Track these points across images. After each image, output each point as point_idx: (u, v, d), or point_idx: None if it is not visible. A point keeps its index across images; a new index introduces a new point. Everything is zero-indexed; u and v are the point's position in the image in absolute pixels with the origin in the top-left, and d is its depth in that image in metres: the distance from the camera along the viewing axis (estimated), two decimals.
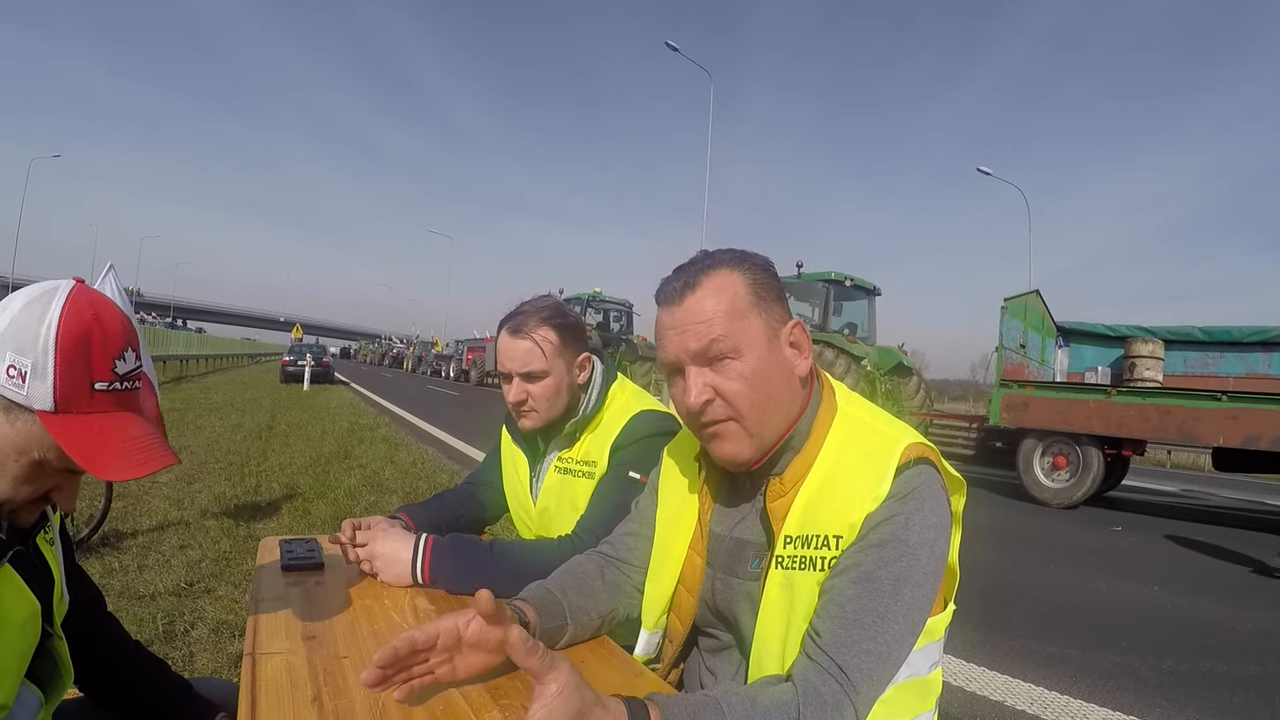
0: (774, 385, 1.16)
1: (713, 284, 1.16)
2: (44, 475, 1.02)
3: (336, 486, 7.20)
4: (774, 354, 1.17)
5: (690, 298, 1.16)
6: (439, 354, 49.07)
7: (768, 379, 1.16)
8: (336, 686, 1.07)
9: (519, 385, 1.87)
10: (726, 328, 1.14)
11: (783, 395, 1.18)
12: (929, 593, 1.09)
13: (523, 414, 1.90)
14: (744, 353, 1.14)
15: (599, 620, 1.37)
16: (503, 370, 1.90)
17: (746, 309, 1.15)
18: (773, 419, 1.18)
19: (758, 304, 1.16)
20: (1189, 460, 19.84)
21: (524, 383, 1.87)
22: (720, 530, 1.30)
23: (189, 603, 3.84)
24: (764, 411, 1.16)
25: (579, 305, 25.34)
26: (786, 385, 1.18)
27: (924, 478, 1.10)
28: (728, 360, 1.15)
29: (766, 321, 1.17)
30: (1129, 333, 11.10)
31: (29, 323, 0.96)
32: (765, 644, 1.16)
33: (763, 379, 1.15)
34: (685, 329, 1.16)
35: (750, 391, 1.15)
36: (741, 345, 1.14)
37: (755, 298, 1.16)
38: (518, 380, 1.87)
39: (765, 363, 1.15)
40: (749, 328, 1.15)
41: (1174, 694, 3.65)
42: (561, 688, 0.90)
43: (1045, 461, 10.18)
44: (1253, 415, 8.52)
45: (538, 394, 1.87)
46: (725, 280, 1.16)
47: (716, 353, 1.15)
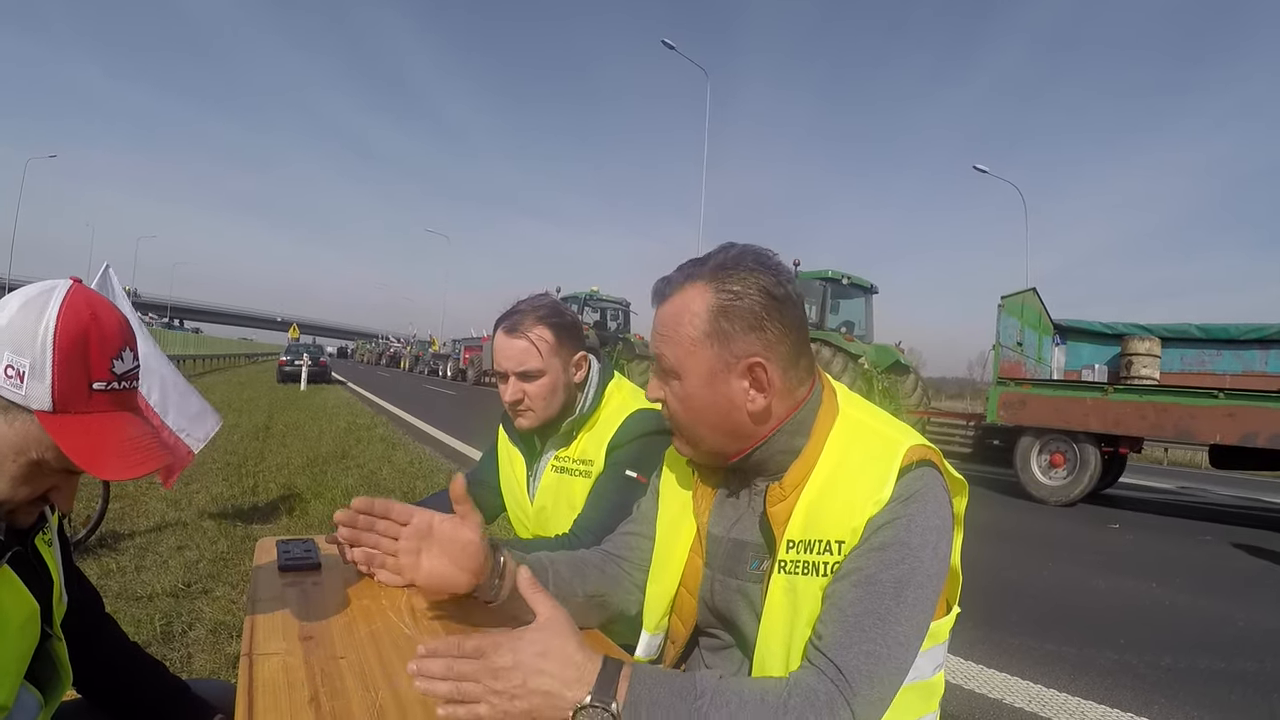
0: (706, 415, 1.18)
1: (679, 301, 1.17)
2: (42, 475, 1.01)
3: (334, 486, 7.20)
4: (714, 387, 1.15)
5: (660, 306, 1.21)
6: (436, 353, 49.08)
7: (700, 407, 1.18)
8: (334, 687, 1.07)
9: (515, 384, 1.87)
10: (672, 349, 1.17)
11: (719, 425, 1.19)
12: (932, 595, 1.08)
13: (519, 413, 1.90)
14: (683, 376, 1.17)
15: (584, 599, 1.38)
16: (499, 369, 1.89)
17: (697, 337, 1.14)
18: (707, 440, 1.22)
19: (713, 334, 1.13)
20: (1186, 458, 19.88)
21: (520, 382, 1.87)
22: (718, 531, 1.30)
23: (186, 603, 3.84)
24: (695, 431, 1.21)
25: (576, 304, 25.34)
26: (725, 418, 1.18)
27: (926, 480, 1.10)
28: (670, 377, 1.20)
29: (717, 354, 1.14)
30: (1126, 330, 11.11)
31: (27, 323, 0.96)
32: (769, 648, 1.15)
33: (694, 406, 1.18)
34: (652, 334, 1.24)
35: (683, 412, 1.20)
36: (680, 369, 1.17)
37: (712, 326, 1.13)
38: (514, 379, 1.87)
39: (700, 393, 1.17)
40: (692, 356, 1.15)
41: (1172, 691, 3.66)
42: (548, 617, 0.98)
43: (1043, 459, 10.19)
44: (1249, 412, 8.54)
45: (534, 393, 1.87)
46: (691, 300, 1.15)
47: (663, 367, 1.21)
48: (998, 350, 10.63)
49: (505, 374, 1.89)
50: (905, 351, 16.01)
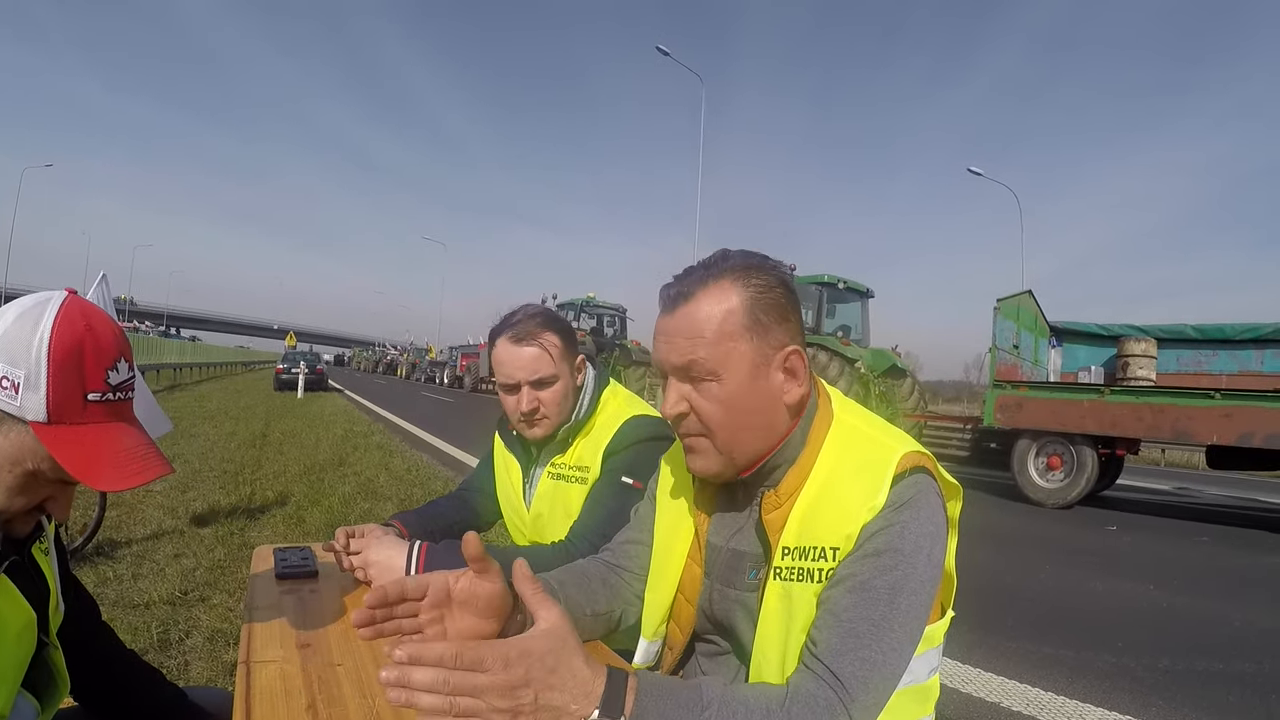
0: (751, 413, 1.15)
1: (708, 299, 1.13)
2: (38, 486, 1.02)
3: (331, 494, 7.18)
4: (757, 381, 1.14)
5: (682, 309, 1.15)
6: (433, 360, 49.04)
7: (744, 406, 1.14)
8: (331, 695, 1.07)
9: (529, 394, 1.83)
10: (710, 350, 1.12)
11: (760, 423, 1.16)
12: (926, 600, 1.09)
13: (535, 423, 1.87)
14: (724, 376, 1.13)
15: (591, 617, 1.37)
16: (508, 381, 1.84)
17: (737, 332, 1.12)
18: (745, 444, 1.17)
19: (752, 327, 1.13)
20: (1183, 459, 19.90)
21: (534, 390, 1.83)
22: (717, 541, 1.30)
23: (184, 611, 3.83)
24: (735, 435, 1.16)
25: (573, 310, 25.36)
26: (767, 413, 1.16)
27: (920, 487, 1.10)
28: (706, 381, 1.14)
29: (758, 347, 1.13)
30: (1122, 332, 11.16)
31: (21, 334, 0.96)
32: (765, 655, 1.15)
33: (739, 405, 1.14)
34: (672, 341, 1.16)
35: (724, 415, 1.14)
36: (721, 369, 1.12)
37: (750, 320, 1.13)
38: (527, 389, 1.83)
39: (745, 390, 1.13)
40: (734, 352, 1.12)
41: (1170, 693, 3.66)
42: (553, 625, 0.91)
43: (1039, 462, 10.19)
44: (1246, 413, 8.55)
45: (549, 400, 1.85)
46: (721, 297, 1.13)
47: (696, 373, 1.14)
48: (994, 353, 10.64)
49: (516, 384, 1.83)
50: (902, 355, 16.03)
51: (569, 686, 0.89)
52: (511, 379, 1.83)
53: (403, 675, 0.84)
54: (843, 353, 14.26)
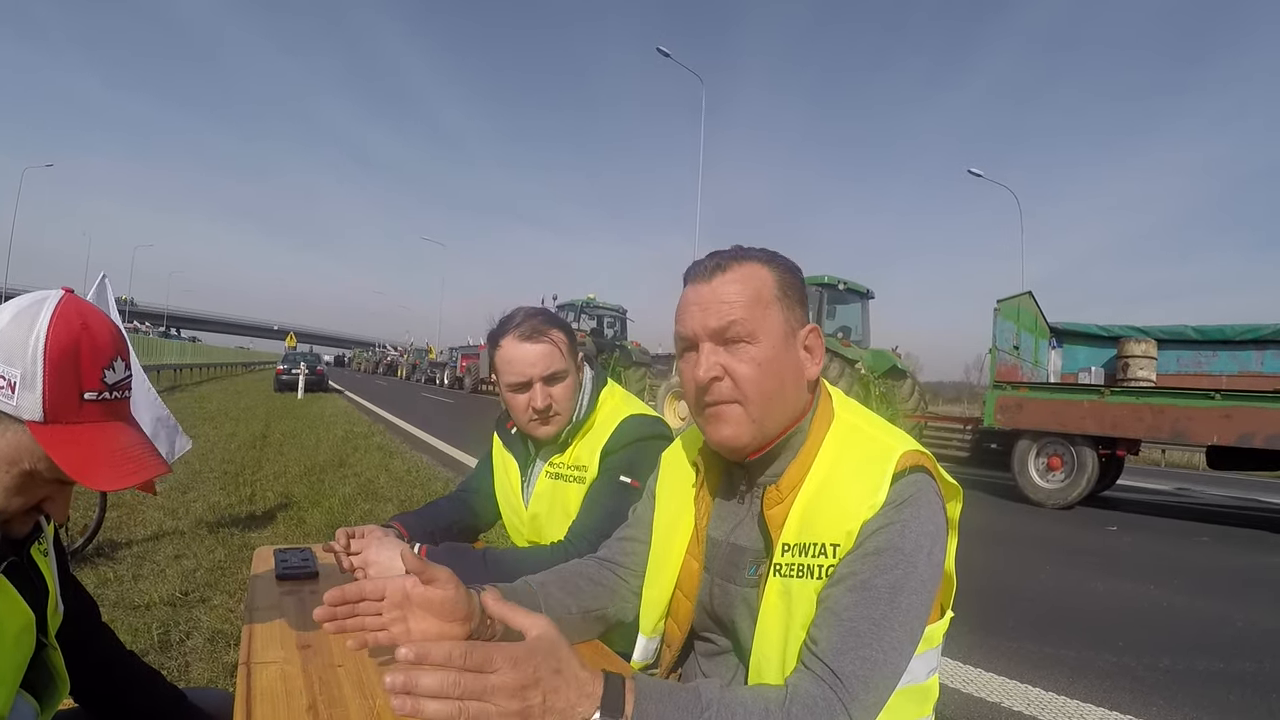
0: (783, 378, 1.18)
1: (743, 270, 1.19)
2: (35, 486, 1.01)
3: (331, 495, 7.18)
4: (789, 349, 1.19)
5: (719, 277, 1.19)
6: (433, 361, 49.05)
7: (778, 371, 1.17)
8: (331, 695, 1.07)
9: (543, 390, 1.82)
10: (747, 312, 1.16)
11: (790, 390, 1.19)
12: (926, 600, 1.09)
13: (549, 419, 1.86)
14: (760, 339, 1.16)
15: (579, 616, 1.38)
16: (519, 379, 1.83)
17: (770, 300, 1.18)
18: (776, 410, 1.19)
19: (782, 299, 1.19)
20: (1183, 459, 19.90)
21: (547, 386, 1.83)
22: (717, 535, 1.30)
23: (184, 612, 3.83)
24: (769, 400, 1.17)
25: (573, 311, 25.36)
26: (794, 382, 1.20)
27: (920, 485, 1.10)
28: (743, 344, 1.16)
29: (786, 318, 1.19)
30: (1122, 333, 11.16)
31: (18, 333, 0.96)
32: (764, 652, 1.16)
33: (773, 369, 1.17)
34: (708, 306, 1.18)
35: (760, 377, 1.16)
36: (759, 332, 1.16)
37: (780, 293, 1.19)
38: (540, 386, 1.82)
39: (779, 354, 1.17)
40: (769, 317, 1.17)
41: (1171, 693, 3.66)
42: (545, 630, 0.94)
43: (1040, 462, 10.19)
44: (1246, 413, 8.55)
45: (560, 395, 1.85)
46: (755, 270, 1.19)
47: (734, 334, 1.16)
48: (994, 354, 10.65)
49: (528, 382, 1.82)
50: (902, 356, 16.02)
51: (572, 687, 0.90)
52: (524, 376, 1.82)
53: (409, 680, 0.84)
54: (843, 354, 14.26)
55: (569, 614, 1.36)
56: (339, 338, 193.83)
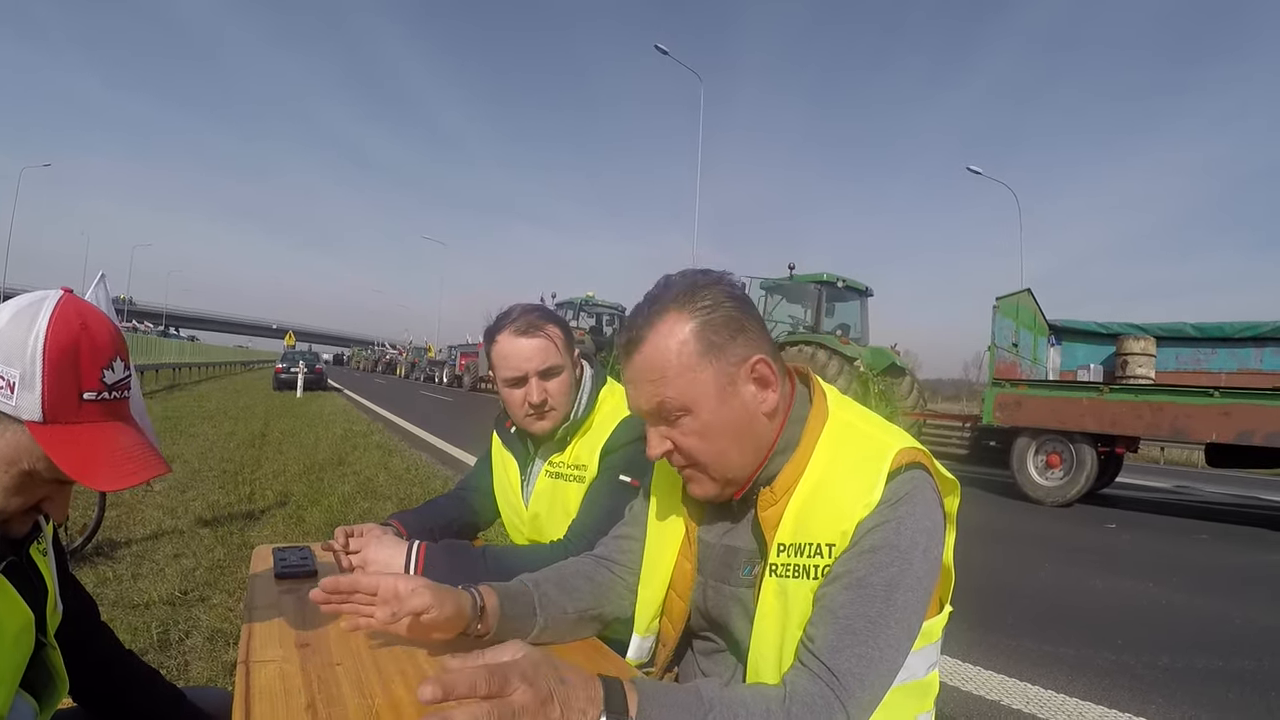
0: (730, 435, 1.16)
1: (657, 337, 1.14)
2: (34, 486, 1.01)
3: (330, 494, 7.18)
4: (728, 401, 1.14)
5: (637, 356, 1.16)
6: (432, 360, 49.02)
7: (723, 429, 1.15)
8: (330, 694, 1.07)
9: (538, 385, 1.82)
10: (674, 387, 1.13)
11: (744, 438, 1.17)
12: (923, 597, 1.09)
13: (545, 414, 1.86)
14: (695, 408, 1.14)
15: (575, 616, 1.38)
16: (515, 374, 1.83)
17: (694, 363, 1.12)
18: (733, 464, 1.18)
19: (707, 352, 1.13)
20: (1182, 457, 19.88)
21: (543, 381, 1.83)
22: (709, 538, 1.30)
23: (183, 611, 3.83)
24: (723, 458, 1.17)
25: (572, 309, 25.35)
26: (747, 430, 1.17)
27: (916, 482, 1.10)
28: (680, 417, 1.15)
29: (719, 369, 1.13)
30: (1121, 330, 11.16)
31: (17, 333, 0.96)
32: (762, 652, 1.16)
33: (717, 430, 1.15)
34: (637, 387, 1.17)
35: (705, 445, 1.15)
36: (690, 402, 1.13)
37: (704, 345, 1.13)
38: (536, 380, 1.82)
39: (719, 414, 1.14)
40: (697, 382, 1.13)
41: (1170, 690, 3.66)
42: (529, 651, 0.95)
43: (1039, 460, 10.19)
44: (1245, 411, 8.55)
45: (556, 390, 1.85)
46: (671, 330, 1.13)
47: (667, 412, 1.15)
48: (993, 351, 10.64)
49: (524, 376, 1.82)
50: (901, 354, 16.02)
51: (578, 693, 0.91)
52: (519, 371, 1.82)
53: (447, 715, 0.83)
54: (842, 351, 14.25)
55: (564, 614, 1.37)
56: (338, 336, 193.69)
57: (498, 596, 1.29)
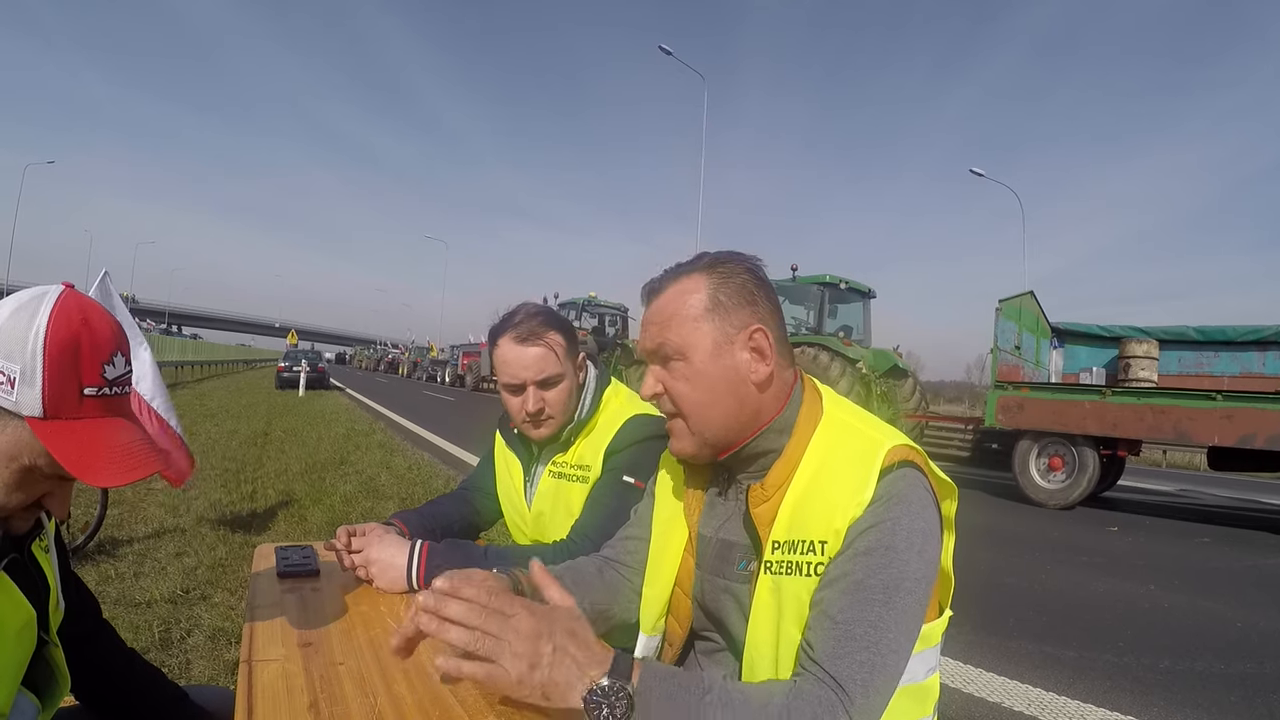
0: (717, 390, 1.20)
1: (675, 289, 1.22)
2: (35, 482, 1.01)
3: (332, 493, 7.19)
4: (721, 359, 1.20)
5: (654, 301, 1.25)
6: (434, 359, 49.03)
7: (711, 384, 1.20)
8: (333, 693, 1.07)
9: (536, 394, 1.82)
10: (676, 331, 1.20)
11: (727, 401, 1.20)
12: (922, 598, 1.08)
13: (541, 423, 1.86)
14: (689, 355, 1.20)
15: (591, 612, 1.38)
16: (513, 381, 1.82)
17: (699, 314, 1.20)
18: (716, 420, 1.21)
19: (713, 309, 1.20)
20: (1184, 460, 19.89)
21: (541, 390, 1.82)
22: (706, 532, 1.31)
23: (185, 610, 3.83)
24: (705, 411, 1.21)
25: (574, 309, 25.35)
26: (734, 391, 1.20)
27: (908, 481, 1.10)
28: (675, 361, 1.22)
29: (719, 326, 1.19)
30: (1123, 333, 11.15)
31: (17, 328, 0.96)
32: (757, 649, 1.16)
33: (705, 383, 1.20)
34: (645, 329, 1.27)
35: (691, 392, 1.21)
36: (686, 348, 1.20)
37: (712, 303, 1.20)
38: (533, 389, 1.82)
39: (709, 367, 1.19)
40: (696, 332, 1.19)
41: (1171, 693, 3.66)
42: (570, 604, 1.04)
43: (1041, 462, 10.19)
44: (1247, 414, 8.55)
45: (554, 400, 1.84)
46: (686, 286, 1.22)
47: (664, 354, 1.23)
48: (995, 354, 10.64)
49: (522, 385, 1.82)
50: (903, 355, 15.99)
51: (584, 651, 0.96)
52: (517, 379, 1.82)
53: (439, 604, 0.95)
54: (844, 353, 14.24)
55: (581, 607, 1.36)
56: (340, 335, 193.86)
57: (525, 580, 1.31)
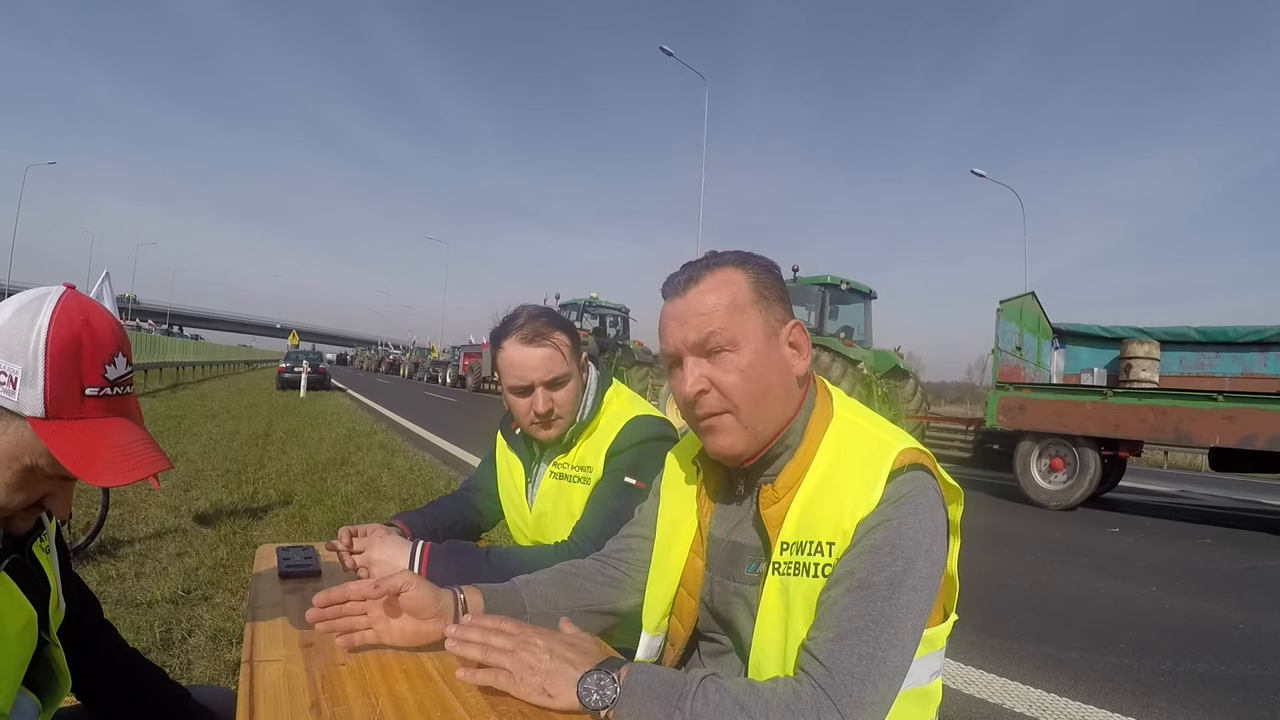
0: (769, 380, 1.18)
1: (716, 279, 1.19)
2: (36, 482, 1.01)
3: (333, 493, 7.19)
4: (771, 350, 1.19)
5: (693, 290, 1.19)
6: (435, 360, 49.04)
7: (763, 373, 1.18)
8: (334, 694, 1.07)
9: (544, 394, 1.81)
10: (725, 321, 1.17)
11: (778, 391, 1.20)
12: (926, 597, 1.08)
13: (551, 423, 1.85)
14: (741, 346, 1.17)
15: (566, 611, 1.39)
16: (520, 383, 1.81)
17: (747, 305, 1.18)
18: (767, 413, 1.19)
19: (758, 301, 1.19)
20: (1186, 461, 19.88)
21: (549, 391, 1.81)
22: (718, 534, 1.31)
23: (186, 610, 3.83)
24: (758, 404, 1.18)
25: (575, 310, 25.34)
26: (782, 382, 1.20)
27: (917, 482, 1.10)
28: (725, 353, 1.17)
29: (766, 319, 1.19)
30: (1125, 334, 11.12)
31: (19, 329, 0.96)
32: (764, 651, 1.16)
33: (758, 372, 1.17)
34: (686, 320, 1.19)
35: (745, 384, 1.17)
36: (739, 339, 1.17)
37: (756, 295, 1.19)
38: (541, 390, 1.80)
39: (762, 357, 1.18)
40: (747, 322, 1.17)
41: (1172, 694, 3.65)
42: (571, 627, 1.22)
43: (1042, 463, 10.19)
44: (1249, 415, 8.54)
45: (562, 400, 1.83)
46: (728, 277, 1.19)
47: (714, 345, 1.17)
48: (997, 355, 10.63)
49: (529, 386, 1.81)
50: (905, 356, 15.97)
51: (579, 654, 1.10)
52: (525, 380, 1.80)
53: (460, 631, 1.15)
54: (845, 354, 14.22)
55: (555, 609, 1.37)
56: (342, 336, 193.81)
57: (481, 593, 1.35)
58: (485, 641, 1.11)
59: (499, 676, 1.07)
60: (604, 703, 1.02)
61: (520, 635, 1.12)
